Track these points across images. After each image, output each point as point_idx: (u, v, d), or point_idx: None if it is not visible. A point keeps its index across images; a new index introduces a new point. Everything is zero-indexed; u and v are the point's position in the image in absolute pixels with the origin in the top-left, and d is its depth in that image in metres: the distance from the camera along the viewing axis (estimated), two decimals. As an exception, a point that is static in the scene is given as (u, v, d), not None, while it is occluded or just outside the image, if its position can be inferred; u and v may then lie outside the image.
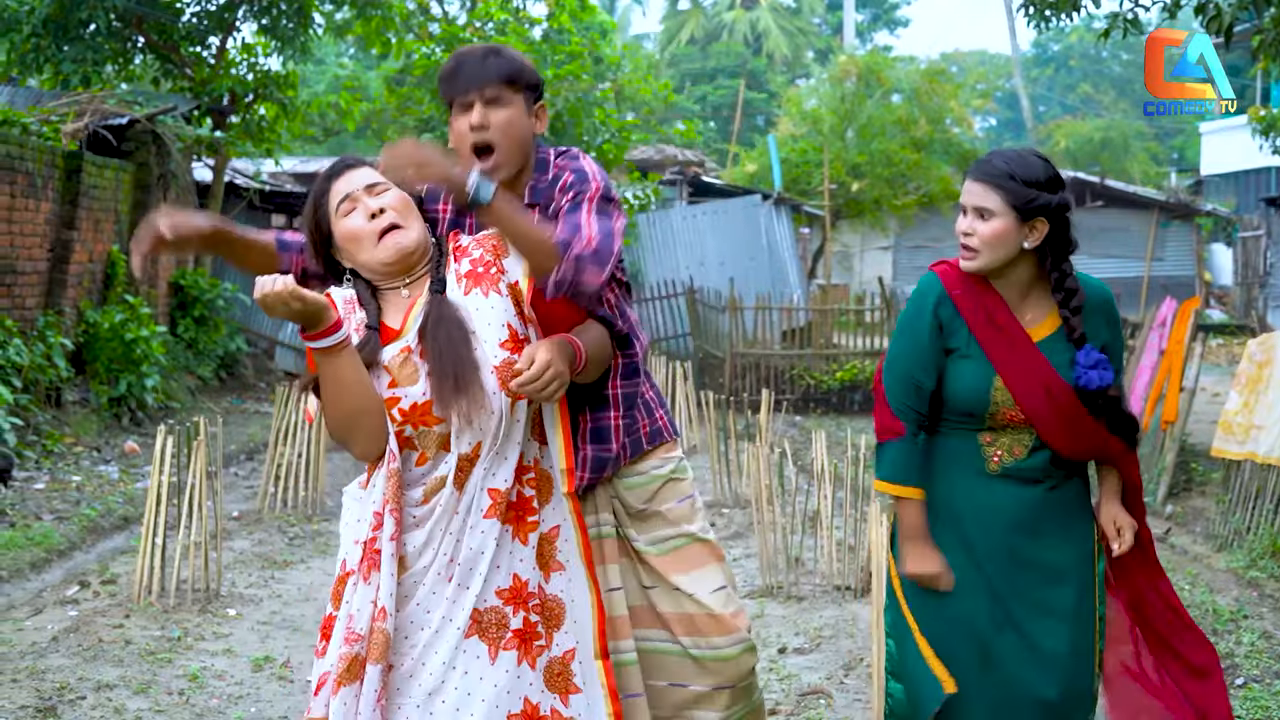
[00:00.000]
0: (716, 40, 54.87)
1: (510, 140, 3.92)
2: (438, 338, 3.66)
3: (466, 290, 3.78)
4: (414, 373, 3.69)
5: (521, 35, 22.75)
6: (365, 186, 3.77)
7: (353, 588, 3.71)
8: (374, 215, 3.73)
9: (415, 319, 3.74)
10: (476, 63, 3.95)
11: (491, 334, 3.72)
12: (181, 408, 17.23)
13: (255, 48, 21.19)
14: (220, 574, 8.76)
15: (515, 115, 3.92)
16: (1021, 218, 4.16)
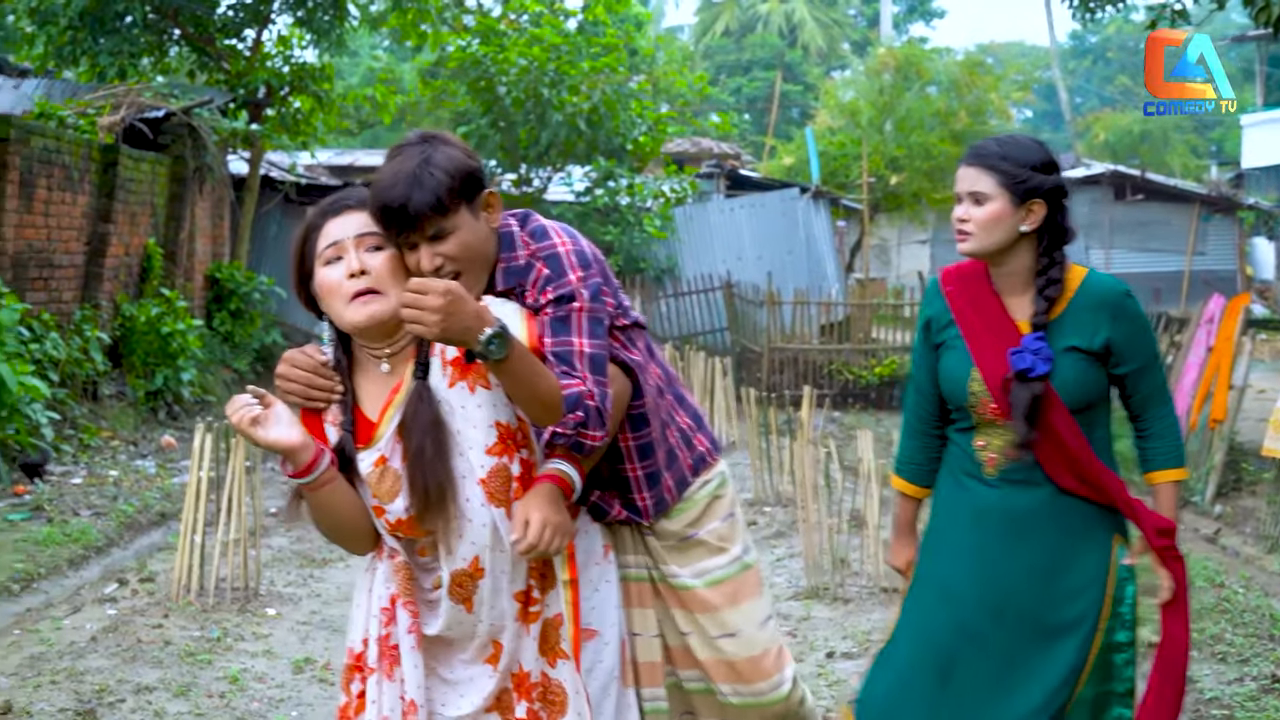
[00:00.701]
0: (751, 32, 54.63)
1: (471, 259, 3.53)
2: (414, 445, 3.40)
3: (452, 380, 3.47)
4: (394, 486, 3.45)
5: (556, 27, 22.63)
6: (357, 236, 3.44)
7: (377, 686, 3.54)
8: (354, 275, 3.39)
9: (393, 415, 3.46)
10: (402, 198, 3.42)
11: (477, 437, 3.45)
12: (218, 401, 17.16)
13: (290, 40, 21.12)
14: (259, 572, 8.68)
15: (464, 235, 3.50)
16: (1017, 200, 4.02)
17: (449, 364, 3.46)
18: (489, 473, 3.44)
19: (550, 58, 20.81)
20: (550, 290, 3.56)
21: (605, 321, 3.63)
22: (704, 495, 4.07)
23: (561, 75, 20.92)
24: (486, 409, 3.46)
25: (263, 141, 20.36)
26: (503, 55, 20.80)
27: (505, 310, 3.50)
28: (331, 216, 3.48)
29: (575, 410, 3.46)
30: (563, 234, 3.67)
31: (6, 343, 11.47)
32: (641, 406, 3.86)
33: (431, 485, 3.37)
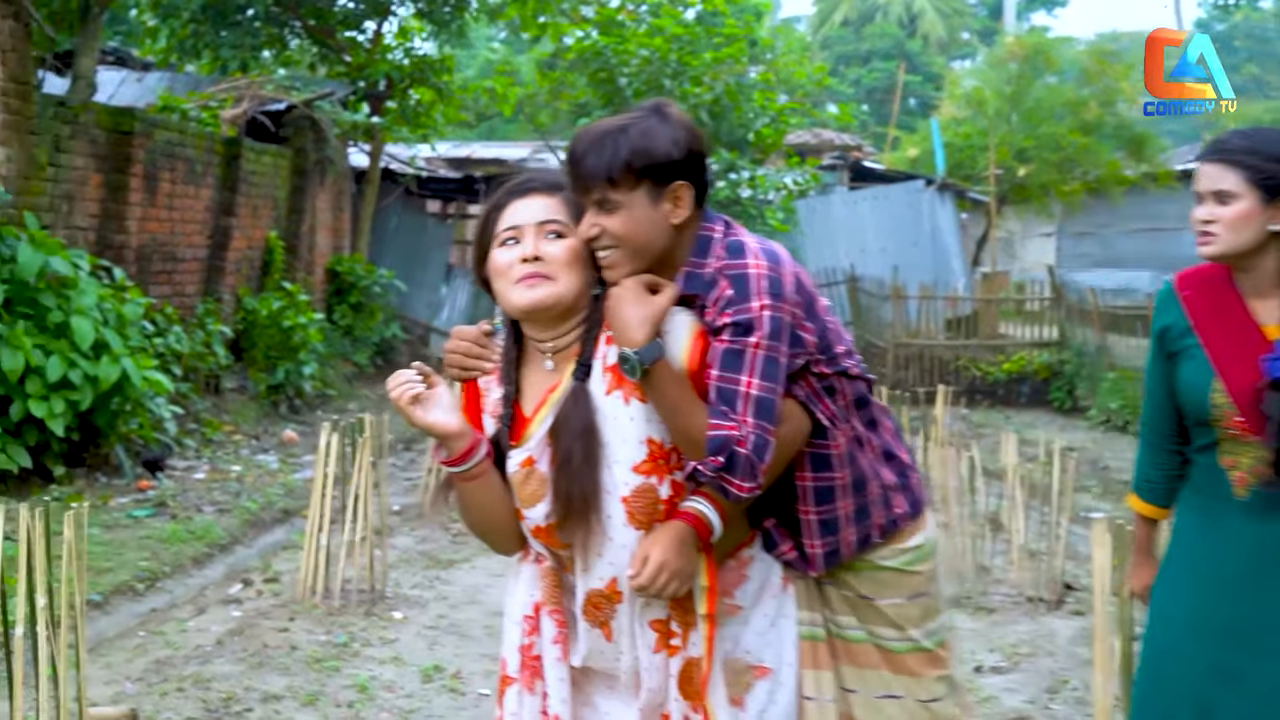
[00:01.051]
0: (870, 22, 54.05)
1: (632, 243, 3.27)
2: (563, 450, 3.21)
3: (609, 388, 3.25)
4: (537, 491, 3.26)
5: (675, 18, 22.33)
6: (538, 223, 3.27)
7: (517, 699, 3.35)
8: (527, 259, 3.24)
9: (547, 414, 3.27)
10: (579, 155, 3.27)
11: (626, 452, 3.22)
12: (338, 395, 17.13)
13: (410, 32, 21.03)
14: (385, 574, 8.49)
15: (631, 216, 3.25)
16: (1267, 196, 3.68)
17: (608, 369, 3.25)
18: (633, 491, 3.22)
19: (672, 49, 20.54)
20: (729, 314, 3.23)
21: (783, 362, 3.26)
22: (893, 564, 3.62)
23: (683, 66, 20.65)
24: (639, 423, 3.24)
25: (383, 134, 20.28)
26: (624, 46, 20.57)
27: (677, 322, 3.27)
28: (517, 197, 3.32)
29: (719, 454, 3.16)
30: (761, 255, 3.31)
31: (131, 337, 11.41)
32: (826, 447, 3.47)
33: (575, 494, 3.17)
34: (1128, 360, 17.75)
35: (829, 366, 3.42)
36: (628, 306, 3.19)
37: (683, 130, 3.31)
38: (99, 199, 13.25)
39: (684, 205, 3.31)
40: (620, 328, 3.17)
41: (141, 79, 19.04)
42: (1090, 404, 17.97)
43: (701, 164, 3.36)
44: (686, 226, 3.34)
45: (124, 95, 18.05)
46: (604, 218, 3.26)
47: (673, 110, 3.35)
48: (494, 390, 3.37)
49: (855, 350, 3.57)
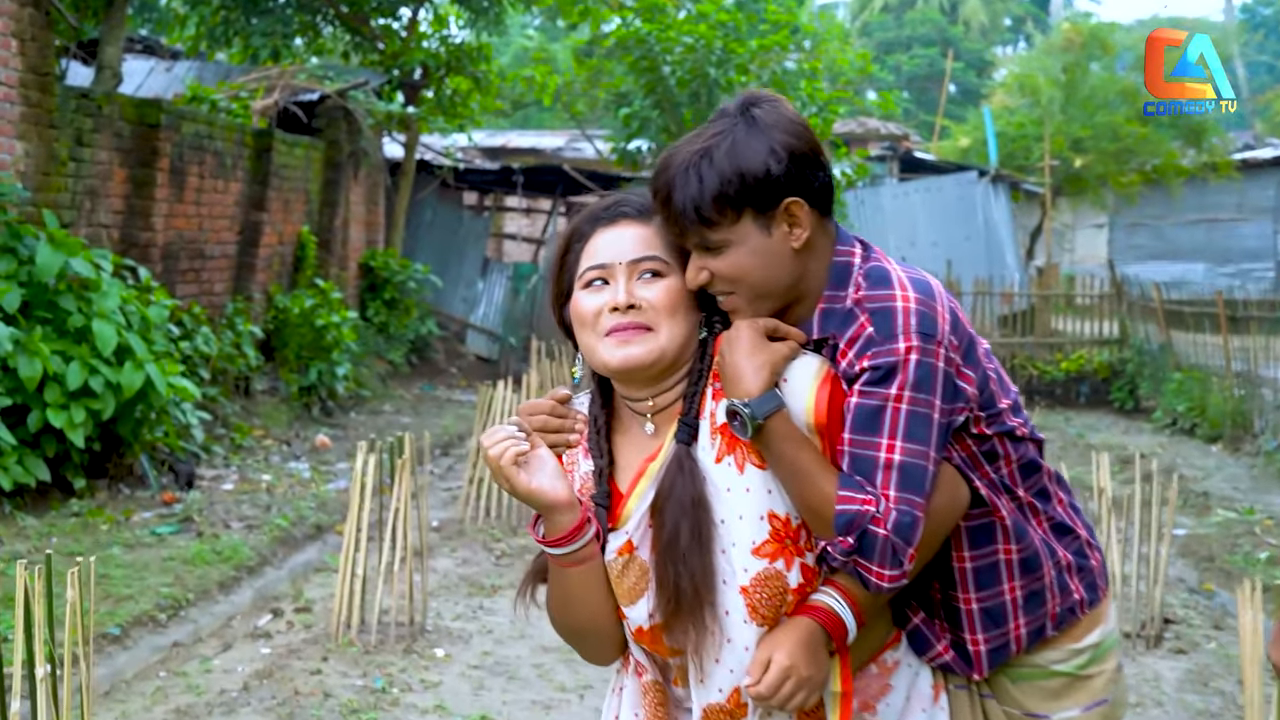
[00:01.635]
0: (911, 7, 53.25)
1: (750, 283, 2.69)
2: (668, 530, 2.62)
3: (720, 453, 2.67)
4: (638, 583, 2.69)
5: (718, 4, 21.67)
6: (631, 261, 2.69)
7: None
8: (619, 308, 2.66)
9: (647, 488, 2.69)
10: (670, 195, 2.67)
11: (744, 532, 2.62)
12: (372, 396, 16.56)
13: (446, 19, 20.44)
14: (425, 603, 7.86)
15: (742, 252, 2.67)
16: None
17: (718, 430, 2.67)
18: (754, 580, 2.61)
19: (717, 35, 19.88)
20: (868, 357, 2.60)
21: (936, 419, 2.61)
22: (1067, 669, 2.94)
23: (728, 54, 19.99)
24: (758, 495, 2.63)
25: (419, 124, 19.69)
26: (667, 33, 19.92)
27: (799, 366, 2.65)
28: (604, 226, 2.75)
29: (850, 533, 2.54)
30: (909, 285, 2.67)
31: (155, 341, 10.83)
32: (987, 516, 2.81)
33: (684, 586, 2.59)
34: (1193, 359, 17.04)
35: (991, 426, 2.76)
36: (739, 352, 2.63)
37: (779, 133, 2.66)
38: (123, 195, 12.67)
39: (803, 224, 2.68)
40: (730, 377, 2.62)
41: (170, 68, 18.50)
42: (1154, 405, 17.27)
43: (814, 166, 2.70)
44: (814, 248, 2.71)
45: (152, 85, 17.53)
46: (710, 260, 2.67)
47: (763, 109, 2.70)
48: (581, 464, 2.78)
49: (1021, 404, 2.91)
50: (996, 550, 2.83)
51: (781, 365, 2.63)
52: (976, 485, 2.77)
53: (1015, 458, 2.81)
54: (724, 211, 2.63)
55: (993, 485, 2.79)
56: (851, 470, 2.58)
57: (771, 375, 2.61)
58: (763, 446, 2.61)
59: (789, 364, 2.65)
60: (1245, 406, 14.98)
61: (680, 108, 20.28)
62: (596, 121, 27.22)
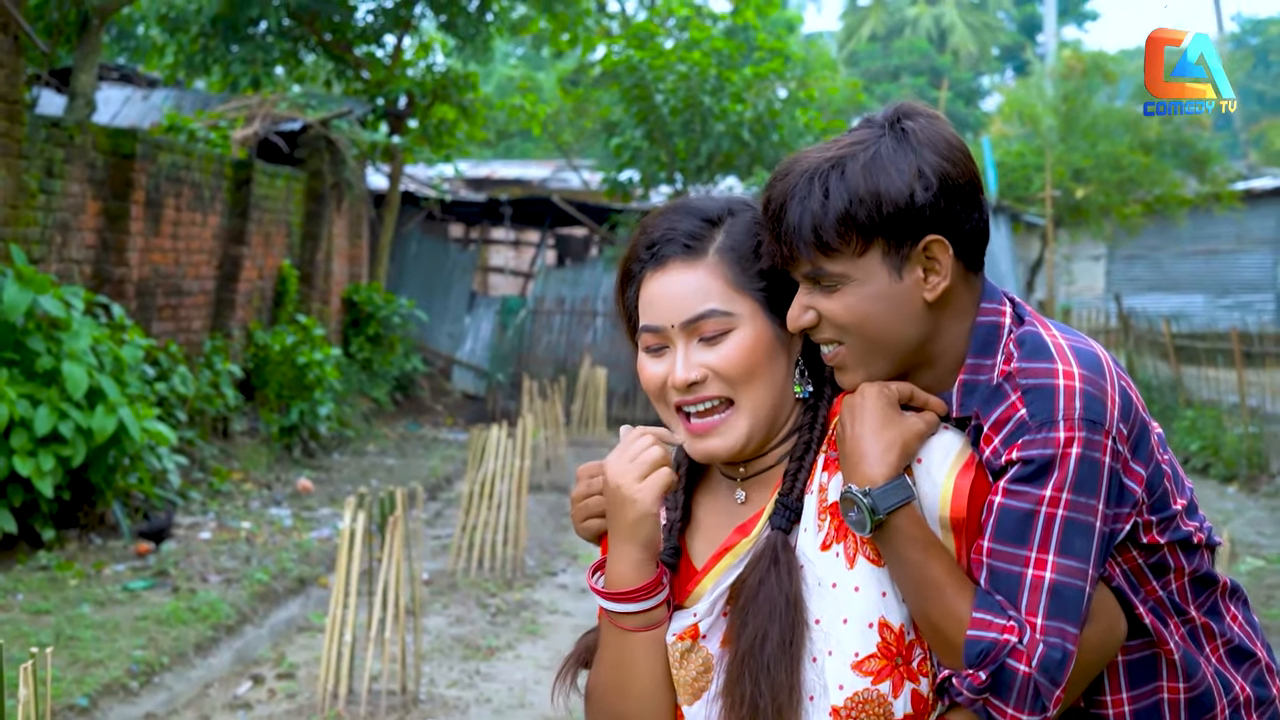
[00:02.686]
0: (899, 37, 52.93)
1: (866, 335, 2.15)
2: (751, 630, 2.10)
3: (826, 541, 2.15)
4: (700, 679, 2.18)
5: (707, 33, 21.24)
6: (687, 324, 2.17)
7: None
8: (680, 387, 2.17)
9: (728, 570, 2.17)
10: (784, 207, 2.14)
11: (846, 640, 2.09)
12: (356, 436, 16.00)
13: (431, 47, 19.98)
14: (419, 668, 7.28)
15: (860, 294, 2.14)
16: None
17: (827, 510, 2.16)
18: (850, 701, 2.07)
19: (711, 63, 19.43)
20: (1019, 447, 2.06)
21: (1100, 529, 2.08)
22: None
23: (723, 82, 19.54)
24: (869, 597, 2.10)
25: (404, 154, 19.18)
26: (660, 61, 19.46)
27: (936, 449, 2.13)
28: (652, 271, 2.23)
29: (983, 666, 2.02)
30: (1072, 357, 2.12)
31: (129, 383, 10.28)
32: (1150, 648, 2.27)
33: (763, 704, 2.06)
34: (1203, 395, 16.53)
35: (1163, 533, 2.21)
36: (865, 425, 2.11)
37: (933, 154, 2.13)
38: (96, 228, 12.10)
39: (942, 271, 2.15)
40: (851, 456, 2.11)
41: (147, 97, 17.98)
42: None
43: (969, 203, 2.16)
44: (952, 305, 2.17)
45: (128, 114, 17.01)
46: (821, 298, 2.16)
47: (918, 122, 2.16)
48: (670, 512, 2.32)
49: (1198, 504, 2.35)
50: (1160, 688, 2.29)
51: (916, 445, 2.11)
52: (1139, 609, 2.23)
53: (1189, 570, 2.26)
54: (849, 238, 2.11)
55: (1160, 606, 2.25)
56: (991, 587, 2.05)
57: (903, 458, 2.09)
58: (882, 545, 2.10)
59: (924, 443, 2.13)
60: (1261, 445, 14.47)
61: (673, 137, 19.83)
62: (582, 151, 26.80)
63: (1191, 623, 2.29)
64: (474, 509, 10.14)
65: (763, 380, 2.17)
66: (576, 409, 17.64)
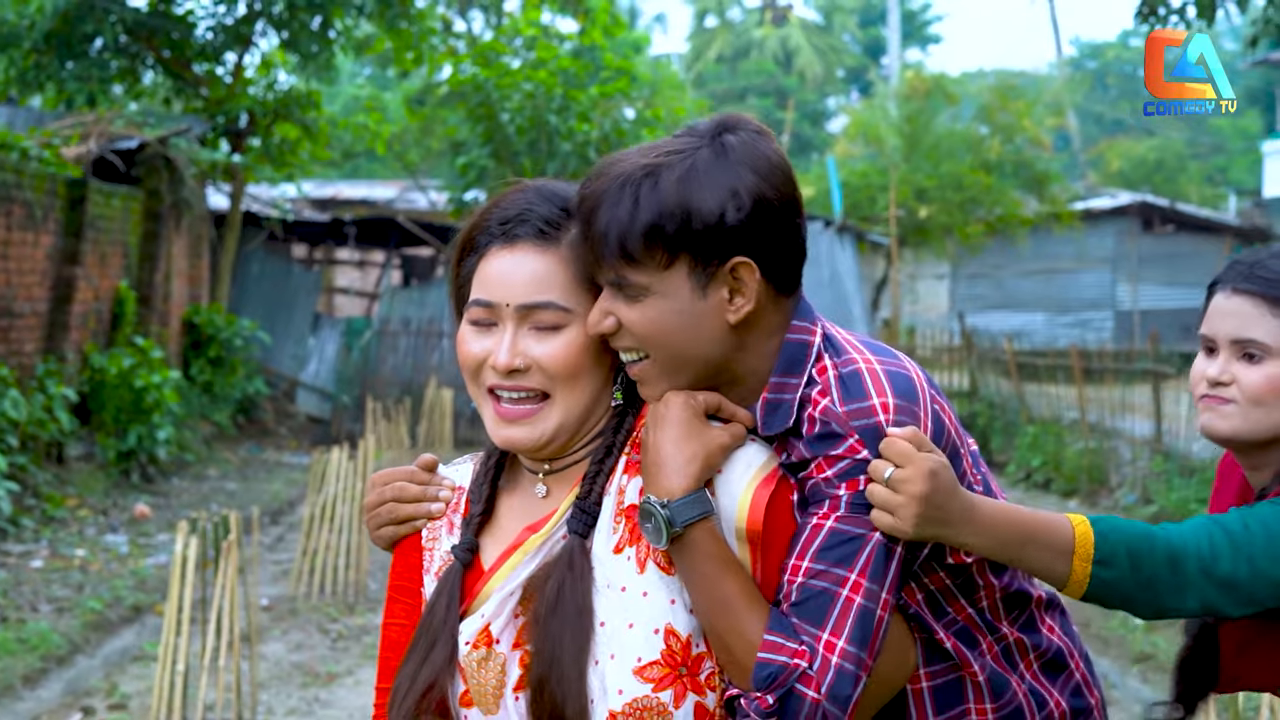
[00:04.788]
0: (745, 58, 53.42)
1: (664, 346, 2.09)
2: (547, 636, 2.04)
3: (619, 544, 2.10)
4: (496, 688, 2.10)
5: (554, 53, 21.22)
6: (522, 306, 2.11)
7: None
8: (500, 369, 2.10)
9: (519, 566, 2.12)
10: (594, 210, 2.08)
11: (628, 643, 2.04)
12: (196, 460, 15.66)
13: (273, 65, 19.69)
14: (255, 697, 7.09)
15: (661, 306, 2.08)
16: None
17: (623, 512, 2.11)
18: (629, 706, 2.01)
19: (558, 83, 19.39)
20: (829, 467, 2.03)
21: (903, 556, 2.06)
22: None
23: (569, 101, 19.51)
24: (657, 604, 2.06)
25: (245, 173, 18.86)
26: (506, 80, 19.38)
27: (738, 462, 2.09)
28: (499, 246, 2.15)
29: (770, 689, 1.97)
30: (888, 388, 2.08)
31: (-45, 408, 9.95)
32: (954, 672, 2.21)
33: (570, 707, 2.00)
34: (1045, 412, 16.81)
35: (969, 553, 2.15)
36: (666, 435, 2.06)
37: (750, 173, 2.06)
38: (-79, 248, 11.74)
39: (747, 294, 2.09)
40: (652, 466, 2.05)
41: (-23, 114, 17.50)
42: (1007, 459, 16.99)
43: (782, 226, 2.09)
44: (757, 326, 2.11)
45: (-44, 132, 16.54)
46: (622, 306, 2.10)
47: (739, 136, 2.09)
48: (444, 540, 2.24)
49: None
50: (969, 710, 2.24)
51: (719, 458, 2.06)
52: (939, 635, 2.18)
53: (999, 587, 2.22)
54: (654, 251, 2.05)
55: (970, 625, 2.21)
56: (798, 606, 2.00)
57: (704, 470, 2.04)
58: (677, 558, 2.04)
59: (728, 455, 2.07)
60: (1101, 460, 14.72)
61: (519, 156, 19.74)
62: (429, 171, 26.62)
63: (1004, 639, 2.25)
64: (315, 533, 9.96)
65: (584, 382, 2.12)
66: (423, 430, 17.43)
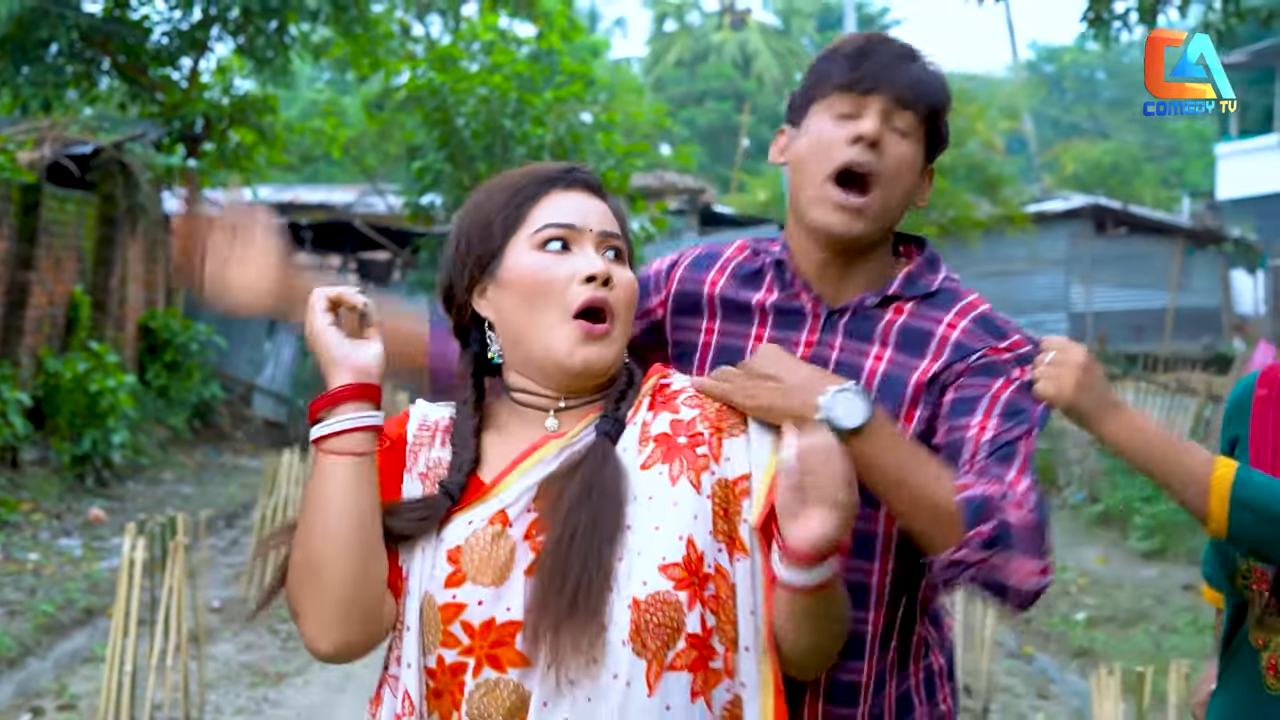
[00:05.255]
0: (704, 62, 53.67)
1: (895, 189, 2.38)
2: (566, 514, 2.09)
3: (648, 461, 2.20)
4: (505, 565, 2.13)
5: (511, 56, 21.33)
6: (602, 232, 2.24)
7: None
8: (597, 278, 2.18)
9: (534, 466, 2.17)
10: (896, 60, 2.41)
11: (656, 544, 2.12)
12: (152, 464, 15.70)
13: (229, 70, 19.72)
14: (204, 697, 7.18)
15: (910, 156, 2.41)
16: None
17: (652, 438, 2.21)
18: (650, 597, 2.08)
19: (513, 87, 19.49)
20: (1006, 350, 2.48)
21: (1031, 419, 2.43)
22: None
23: (524, 105, 19.63)
24: (684, 514, 2.14)
25: (201, 178, 18.88)
26: (461, 84, 19.47)
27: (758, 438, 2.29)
28: (561, 189, 2.28)
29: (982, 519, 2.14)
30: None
31: (-93, 413, 9.99)
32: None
33: (585, 579, 2.05)
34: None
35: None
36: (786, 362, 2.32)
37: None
38: (-127, 253, 11.78)
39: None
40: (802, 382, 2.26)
41: (-70, 120, 17.52)
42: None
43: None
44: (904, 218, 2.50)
45: (-91, 137, 16.55)
46: (890, 137, 2.40)
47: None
48: (430, 450, 2.28)
49: None
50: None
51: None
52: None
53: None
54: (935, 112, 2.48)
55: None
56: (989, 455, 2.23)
57: None
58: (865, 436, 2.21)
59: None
60: (1049, 459, 14.89)
61: (474, 160, 19.84)
62: (388, 175, 26.68)
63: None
64: (267, 532, 10.03)
65: (629, 319, 2.26)
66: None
